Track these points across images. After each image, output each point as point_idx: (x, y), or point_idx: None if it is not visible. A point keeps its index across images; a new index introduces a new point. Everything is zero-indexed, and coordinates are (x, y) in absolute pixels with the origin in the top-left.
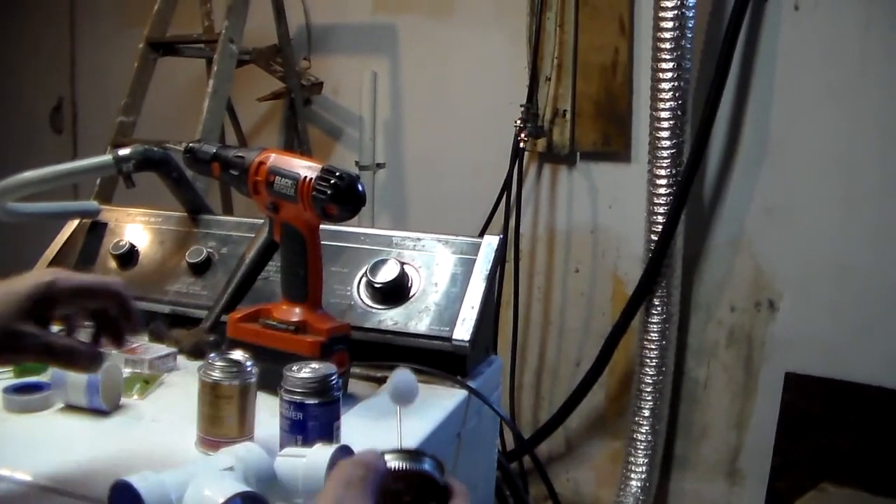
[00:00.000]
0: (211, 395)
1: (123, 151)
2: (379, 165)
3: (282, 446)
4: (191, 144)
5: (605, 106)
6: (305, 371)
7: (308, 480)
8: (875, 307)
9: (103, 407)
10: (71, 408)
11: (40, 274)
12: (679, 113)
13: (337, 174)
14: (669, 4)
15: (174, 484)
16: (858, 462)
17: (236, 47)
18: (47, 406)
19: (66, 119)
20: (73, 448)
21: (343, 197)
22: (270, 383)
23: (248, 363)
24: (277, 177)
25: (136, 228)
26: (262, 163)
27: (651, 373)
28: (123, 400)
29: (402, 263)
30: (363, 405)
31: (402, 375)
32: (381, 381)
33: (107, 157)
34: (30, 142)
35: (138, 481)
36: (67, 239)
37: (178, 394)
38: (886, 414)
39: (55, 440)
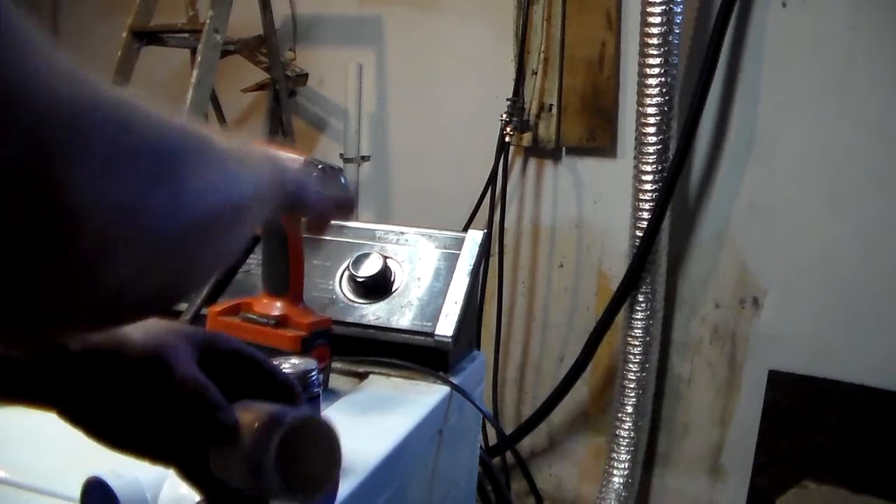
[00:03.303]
0: None
1: None
2: (364, 158)
3: None
4: None
5: (592, 100)
6: (285, 366)
7: None
8: (859, 306)
9: None
10: None
11: None
12: (666, 109)
13: (320, 167)
14: None
15: (149, 481)
16: (841, 460)
17: (221, 37)
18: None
19: None
20: (46, 443)
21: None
22: None
23: None
24: None
25: None
26: None
27: (634, 369)
28: None
29: (386, 257)
30: (344, 401)
31: None
32: (362, 376)
33: None
34: None
35: (112, 478)
36: None
37: None
38: (869, 412)
39: (28, 435)
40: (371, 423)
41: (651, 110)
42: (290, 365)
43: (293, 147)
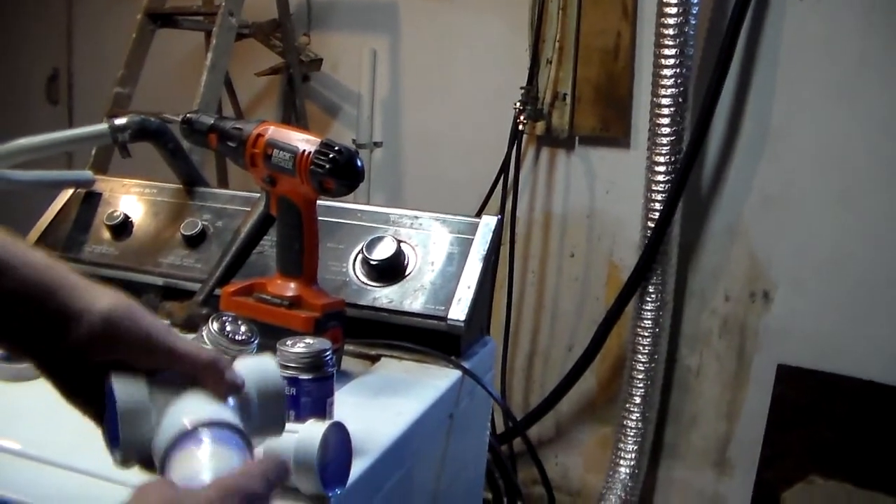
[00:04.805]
0: None
1: (120, 120)
2: (376, 144)
3: None
4: (188, 115)
5: (606, 90)
6: (299, 346)
7: (300, 456)
8: (868, 301)
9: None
10: None
11: None
12: (680, 100)
13: (336, 148)
14: None
15: (161, 397)
16: (847, 455)
17: (236, 21)
18: (36, 375)
19: (61, 90)
20: (61, 418)
21: (341, 171)
22: None
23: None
24: (275, 149)
25: (131, 199)
26: (260, 135)
27: (643, 360)
28: None
29: (399, 241)
30: (356, 383)
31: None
32: (374, 359)
33: (103, 126)
34: (25, 112)
35: (117, 381)
36: (61, 208)
37: None
38: (876, 408)
39: (43, 409)
40: (382, 405)
41: (665, 101)
42: (303, 345)
43: (308, 130)
